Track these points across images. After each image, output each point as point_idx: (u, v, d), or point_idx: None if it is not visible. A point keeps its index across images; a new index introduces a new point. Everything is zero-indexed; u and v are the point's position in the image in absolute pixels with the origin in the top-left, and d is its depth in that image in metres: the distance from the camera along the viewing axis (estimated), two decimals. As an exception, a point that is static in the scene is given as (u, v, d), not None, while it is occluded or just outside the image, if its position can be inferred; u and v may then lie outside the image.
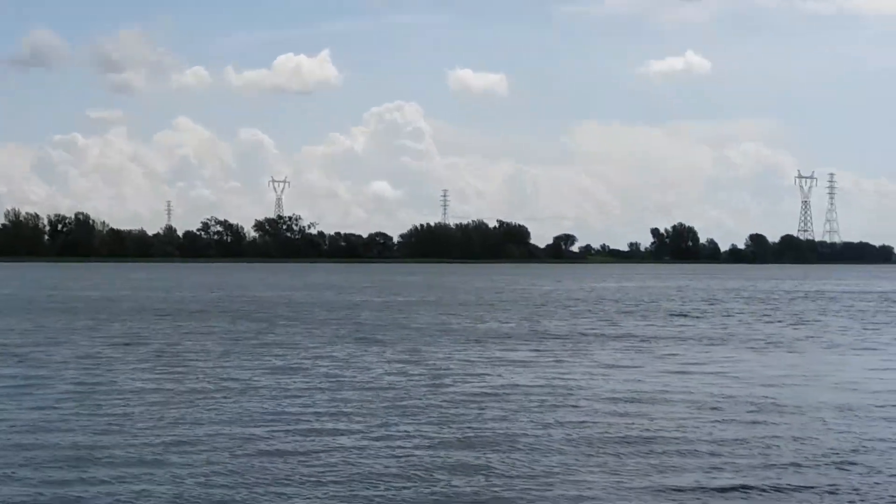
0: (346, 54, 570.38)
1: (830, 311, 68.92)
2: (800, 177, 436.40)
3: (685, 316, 61.79)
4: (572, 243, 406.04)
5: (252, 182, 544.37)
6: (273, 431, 20.80)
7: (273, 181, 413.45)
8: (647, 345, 41.49)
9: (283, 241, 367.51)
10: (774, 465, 18.09)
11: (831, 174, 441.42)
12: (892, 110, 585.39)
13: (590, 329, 50.02)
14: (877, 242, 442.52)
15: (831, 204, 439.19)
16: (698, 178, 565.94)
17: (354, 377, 29.79)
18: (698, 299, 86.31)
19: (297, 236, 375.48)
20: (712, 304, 76.95)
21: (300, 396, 25.81)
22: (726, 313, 64.96)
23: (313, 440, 19.97)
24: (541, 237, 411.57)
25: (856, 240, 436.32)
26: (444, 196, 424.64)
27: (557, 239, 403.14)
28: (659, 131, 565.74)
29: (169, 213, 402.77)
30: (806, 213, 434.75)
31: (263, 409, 23.63)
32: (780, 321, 57.50)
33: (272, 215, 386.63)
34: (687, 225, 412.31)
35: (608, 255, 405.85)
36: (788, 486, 16.60)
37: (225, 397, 25.54)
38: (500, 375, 30.58)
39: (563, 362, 34.40)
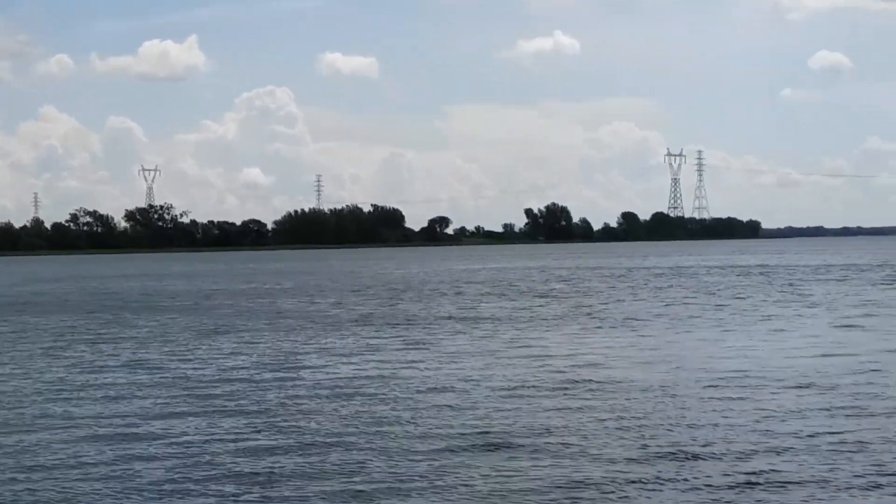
0: (215, 40, 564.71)
1: (684, 286, 69.84)
2: (669, 154, 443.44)
3: (544, 297, 62.06)
4: (447, 225, 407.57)
5: (122, 171, 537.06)
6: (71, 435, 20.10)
7: (143, 170, 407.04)
8: (493, 327, 41.44)
9: (155, 231, 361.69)
10: (571, 446, 17.98)
11: (700, 152, 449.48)
12: (758, 89, 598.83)
13: (443, 312, 49.90)
14: (744, 217, 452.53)
15: (700, 181, 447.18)
16: (571, 158, 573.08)
17: (188, 371, 29.12)
18: (556, 279, 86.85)
19: (169, 225, 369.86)
20: (570, 284, 77.48)
21: (120, 394, 25.08)
22: (584, 292, 65.43)
23: (113, 445, 19.31)
24: (416, 220, 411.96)
25: (724, 215, 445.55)
26: (318, 182, 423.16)
27: (432, 222, 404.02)
28: (531, 112, 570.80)
29: (36, 205, 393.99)
30: (675, 190, 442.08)
31: (63, 411, 22.86)
32: (633, 298, 58.03)
33: (143, 205, 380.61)
34: (560, 205, 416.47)
35: (483, 237, 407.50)
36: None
37: (35, 398, 24.69)
38: (330, 364, 30.15)
39: (404, 349, 34.12)
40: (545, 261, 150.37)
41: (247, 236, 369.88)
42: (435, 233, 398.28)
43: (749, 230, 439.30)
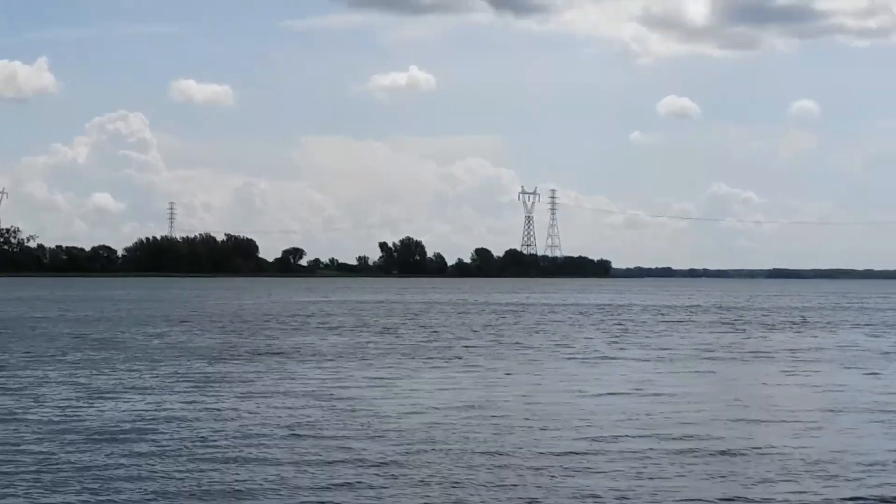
0: (66, 63, 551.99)
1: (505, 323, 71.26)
2: (523, 192, 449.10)
3: (359, 332, 62.67)
4: (301, 257, 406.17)
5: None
6: None
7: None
8: (291, 362, 41.88)
9: (0, 255, 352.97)
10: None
11: (553, 190, 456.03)
12: (609, 131, 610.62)
13: (247, 345, 50.14)
14: (595, 257, 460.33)
15: (553, 219, 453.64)
16: (425, 193, 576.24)
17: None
18: (384, 314, 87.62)
19: (15, 249, 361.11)
20: (405, 318, 78.33)
21: None
22: (393, 328, 66.28)
23: None
24: (270, 251, 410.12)
25: (576, 254, 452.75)
26: (171, 209, 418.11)
27: (286, 253, 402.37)
28: (385, 145, 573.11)
29: None
30: (529, 227, 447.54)
31: None
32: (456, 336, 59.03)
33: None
34: (415, 239, 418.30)
35: (337, 269, 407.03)
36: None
37: None
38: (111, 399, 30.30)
39: (198, 386, 34.35)
40: (389, 294, 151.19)
41: (96, 262, 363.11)
42: (289, 264, 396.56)
43: (600, 269, 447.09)
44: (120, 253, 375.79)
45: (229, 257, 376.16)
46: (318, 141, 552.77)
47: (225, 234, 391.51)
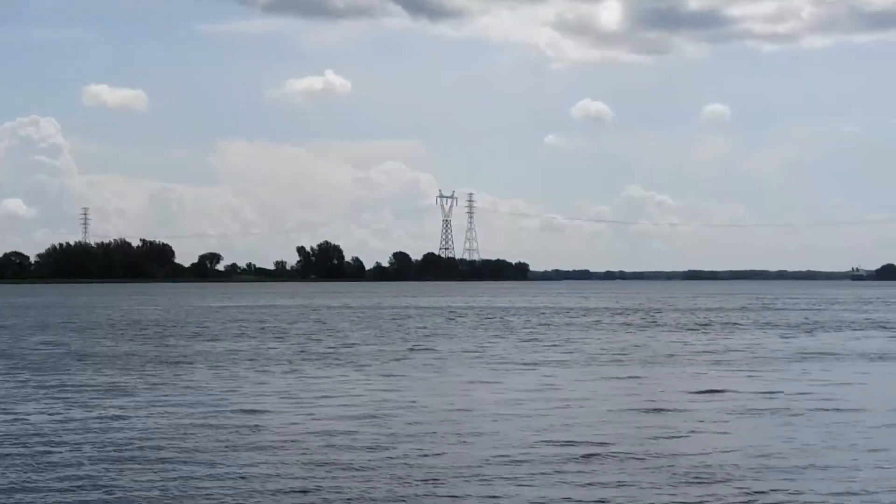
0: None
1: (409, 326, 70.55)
2: (441, 196, 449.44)
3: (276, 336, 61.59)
4: (218, 262, 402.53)
5: None
6: None
7: None
8: (170, 368, 40.79)
9: None
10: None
11: (470, 194, 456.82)
12: (524, 135, 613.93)
13: (144, 352, 48.91)
14: (513, 260, 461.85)
15: (471, 223, 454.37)
16: (343, 197, 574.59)
17: None
18: (290, 319, 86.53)
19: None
20: (307, 324, 77.27)
21: None
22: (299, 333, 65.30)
23: None
24: (186, 256, 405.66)
25: (494, 257, 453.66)
26: (85, 215, 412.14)
27: (203, 258, 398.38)
28: (302, 150, 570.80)
29: None
30: (447, 231, 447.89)
31: None
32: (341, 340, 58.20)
33: None
34: (333, 243, 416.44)
35: (254, 274, 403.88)
36: None
37: None
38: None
39: (83, 389, 33.18)
40: (301, 299, 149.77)
41: (8, 269, 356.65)
42: (206, 269, 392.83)
43: (518, 272, 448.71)
44: (32, 259, 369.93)
45: (145, 263, 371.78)
46: (235, 145, 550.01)
47: (140, 240, 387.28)
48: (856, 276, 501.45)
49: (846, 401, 30.31)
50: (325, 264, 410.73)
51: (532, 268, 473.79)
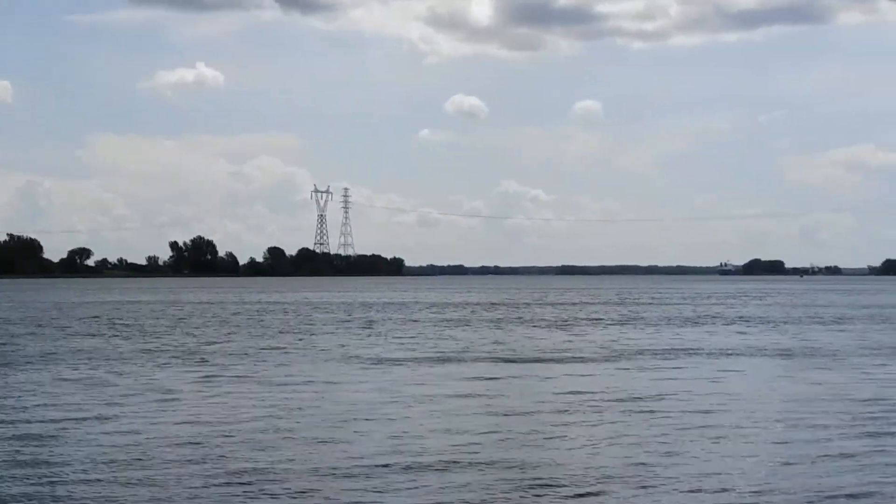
0: None
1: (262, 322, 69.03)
2: (316, 191, 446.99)
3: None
4: (88, 257, 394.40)
5: None
6: None
7: None
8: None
9: None
10: None
11: (346, 189, 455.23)
12: (399, 129, 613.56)
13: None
14: (389, 255, 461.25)
15: (346, 218, 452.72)
16: (217, 192, 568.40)
17: None
18: (150, 315, 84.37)
19: None
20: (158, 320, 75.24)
21: None
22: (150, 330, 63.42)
23: None
24: (55, 251, 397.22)
25: (369, 252, 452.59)
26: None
27: (72, 253, 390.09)
28: (174, 144, 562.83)
29: None
30: (322, 226, 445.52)
31: None
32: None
33: None
34: (206, 238, 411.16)
35: (126, 269, 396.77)
36: None
37: None
38: None
39: None
40: (165, 294, 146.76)
41: None
42: (75, 264, 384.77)
43: (393, 267, 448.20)
44: None
45: (12, 258, 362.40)
46: (105, 139, 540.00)
47: (7, 234, 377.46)
48: (724, 271, 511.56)
49: (702, 398, 29.78)
50: (198, 259, 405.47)
51: (407, 263, 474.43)
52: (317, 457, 20.77)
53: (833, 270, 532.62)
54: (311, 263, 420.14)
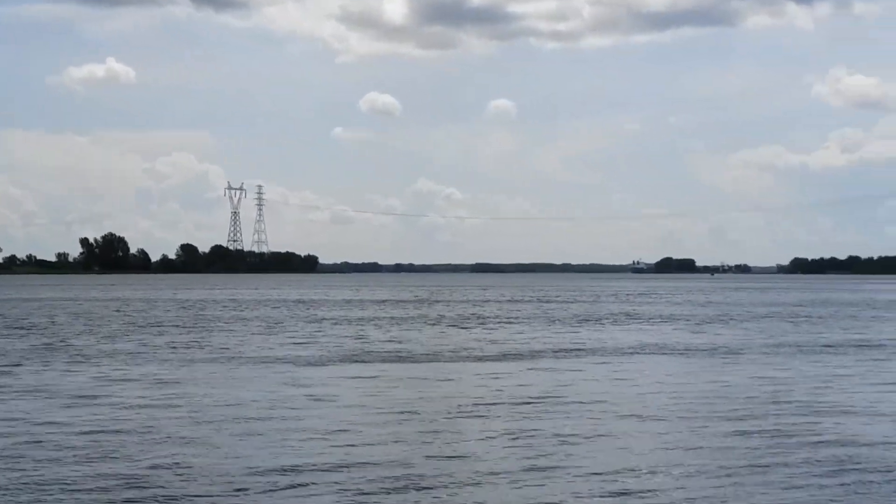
0: None
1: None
2: (229, 188, 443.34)
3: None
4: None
5: None
6: None
7: None
8: None
9: None
10: None
11: (260, 186, 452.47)
12: (313, 127, 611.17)
13: None
14: (303, 252, 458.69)
15: (260, 215, 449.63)
16: (128, 188, 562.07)
17: None
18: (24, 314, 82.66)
19: None
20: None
21: None
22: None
23: None
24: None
25: (283, 249, 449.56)
26: None
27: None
28: (86, 140, 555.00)
29: None
30: (236, 223, 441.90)
31: None
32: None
33: None
34: (118, 235, 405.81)
35: (35, 266, 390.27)
36: None
37: None
38: None
39: None
40: (61, 292, 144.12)
41: None
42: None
43: (307, 264, 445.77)
44: None
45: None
46: (13, 134, 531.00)
47: None
48: (636, 269, 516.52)
49: (596, 396, 29.44)
50: (109, 256, 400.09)
51: (322, 260, 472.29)
52: (195, 460, 20.00)
53: (743, 269, 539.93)
54: (225, 261, 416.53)
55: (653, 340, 53.05)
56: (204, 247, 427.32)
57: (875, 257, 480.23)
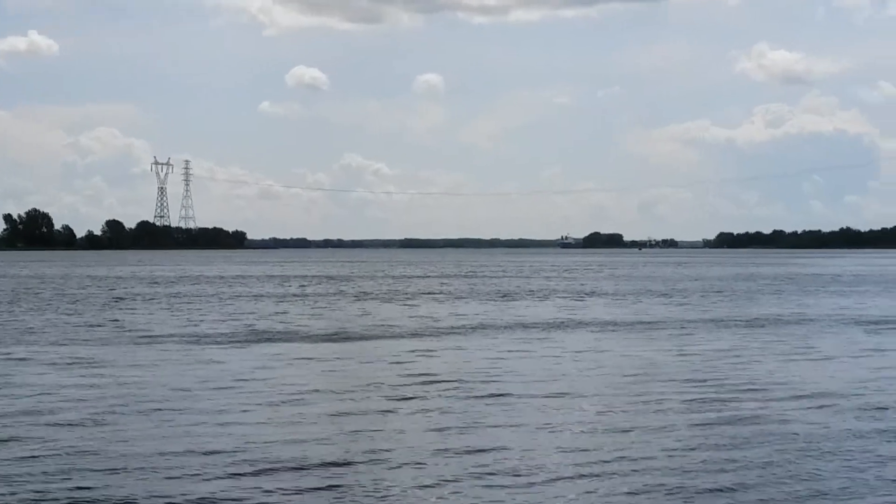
0: None
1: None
2: (156, 163, 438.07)
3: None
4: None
5: None
6: None
7: None
8: None
9: None
10: None
11: (187, 161, 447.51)
12: (240, 101, 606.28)
13: None
14: (231, 228, 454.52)
15: (187, 191, 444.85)
16: (53, 163, 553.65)
17: None
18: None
19: None
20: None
21: None
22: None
23: None
24: None
25: (211, 225, 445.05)
26: None
27: None
28: (7, 114, 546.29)
29: None
30: (162, 199, 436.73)
31: None
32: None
33: None
34: (42, 210, 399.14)
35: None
36: None
37: None
38: None
39: None
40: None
41: None
42: None
43: (235, 240, 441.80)
44: None
45: None
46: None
47: None
48: (565, 244, 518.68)
49: (510, 372, 28.99)
50: (32, 232, 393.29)
51: (250, 236, 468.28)
52: (90, 444, 19.20)
53: (670, 243, 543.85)
54: (152, 237, 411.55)
55: (575, 316, 52.77)
56: (130, 223, 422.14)
57: (799, 231, 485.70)
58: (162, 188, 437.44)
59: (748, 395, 25.12)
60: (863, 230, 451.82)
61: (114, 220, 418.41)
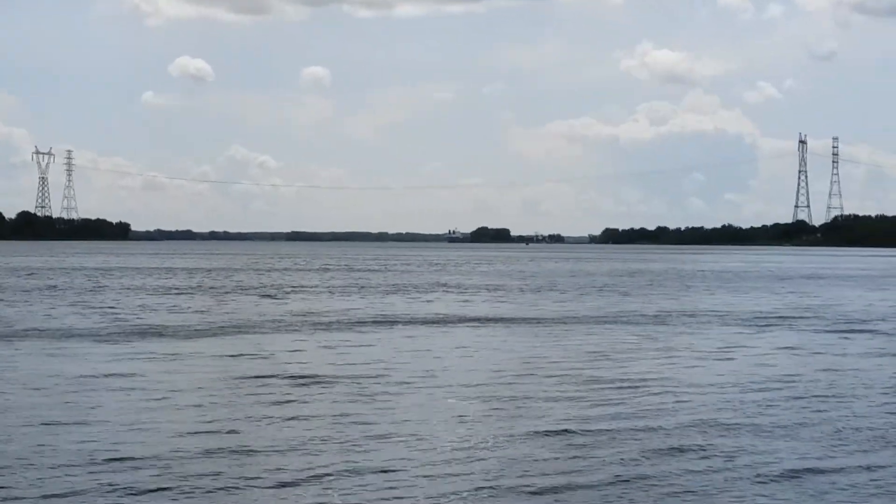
0: None
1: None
2: (37, 153, 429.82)
3: None
4: None
5: None
6: None
7: None
8: None
9: None
10: None
11: (69, 151, 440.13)
12: (123, 91, 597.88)
13: None
14: (114, 219, 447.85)
15: (69, 181, 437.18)
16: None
17: None
18: None
19: None
20: None
21: None
22: None
23: None
24: None
25: (94, 216, 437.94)
26: None
27: None
28: None
29: None
30: (44, 189, 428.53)
31: None
32: None
33: None
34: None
35: None
36: None
37: None
38: None
39: None
40: None
41: None
42: None
43: (119, 232, 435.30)
44: None
45: None
46: None
47: None
48: (452, 239, 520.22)
49: (382, 369, 28.72)
50: None
51: (134, 227, 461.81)
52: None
53: (556, 239, 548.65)
54: (33, 228, 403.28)
55: (459, 311, 52.69)
56: (10, 213, 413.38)
57: (682, 228, 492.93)
58: (43, 178, 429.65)
59: (618, 393, 25.19)
60: (743, 227, 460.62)
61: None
